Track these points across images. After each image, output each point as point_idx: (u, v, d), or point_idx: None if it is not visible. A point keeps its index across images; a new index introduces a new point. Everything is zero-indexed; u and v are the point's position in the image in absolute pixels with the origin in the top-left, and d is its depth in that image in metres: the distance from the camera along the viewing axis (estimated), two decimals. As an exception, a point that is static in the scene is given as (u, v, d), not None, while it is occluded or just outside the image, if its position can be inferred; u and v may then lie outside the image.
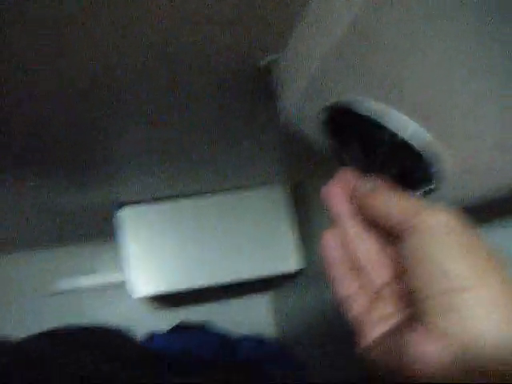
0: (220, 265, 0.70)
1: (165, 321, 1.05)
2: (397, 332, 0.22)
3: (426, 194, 0.28)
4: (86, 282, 1.02)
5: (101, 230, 0.96)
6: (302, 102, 0.30)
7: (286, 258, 0.73)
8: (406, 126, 0.25)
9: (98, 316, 1.04)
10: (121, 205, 0.72)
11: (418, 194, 0.28)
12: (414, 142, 0.25)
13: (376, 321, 0.24)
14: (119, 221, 0.73)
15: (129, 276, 0.71)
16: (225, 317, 1.07)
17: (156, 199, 0.72)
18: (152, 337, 0.96)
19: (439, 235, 0.20)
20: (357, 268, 0.25)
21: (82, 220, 0.79)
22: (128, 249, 0.71)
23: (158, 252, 0.72)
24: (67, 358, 0.79)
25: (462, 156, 0.25)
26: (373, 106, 0.25)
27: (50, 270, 1.03)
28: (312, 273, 0.78)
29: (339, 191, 0.26)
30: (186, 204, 0.72)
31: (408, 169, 0.26)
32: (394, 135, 0.25)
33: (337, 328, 0.71)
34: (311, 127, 0.31)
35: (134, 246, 0.71)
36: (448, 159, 0.25)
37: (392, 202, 0.22)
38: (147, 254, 0.71)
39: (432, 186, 0.27)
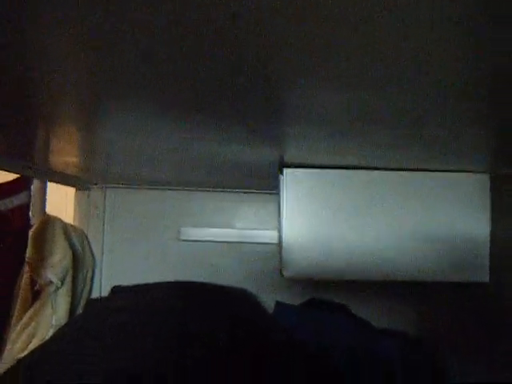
0: (390, 256, 0.59)
1: (293, 291, 0.96)
2: None
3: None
4: (232, 233, 0.99)
5: (259, 187, 0.90)
6: None
7: (479, 264, 0.59)
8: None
9: (229, 272, 1.00)
10: (286, 166, 0.65)
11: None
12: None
13: None
14: (281, 183, 0.66)
15: (282, 251, 0.64)
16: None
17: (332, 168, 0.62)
18: (283, 308, 0.89)
19: None
20: None
21: (241, 173, 0.74)
22: (285, 217, 0.64)
23: (320, 226, 0.63)
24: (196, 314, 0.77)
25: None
26: None
27: (199, 214, 1.02)
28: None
29: None
30: (362, 176, 0.62)
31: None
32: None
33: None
34: None
35: (293, 215, 0.64)
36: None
37: None
38: (306, 227, 0.63)
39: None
